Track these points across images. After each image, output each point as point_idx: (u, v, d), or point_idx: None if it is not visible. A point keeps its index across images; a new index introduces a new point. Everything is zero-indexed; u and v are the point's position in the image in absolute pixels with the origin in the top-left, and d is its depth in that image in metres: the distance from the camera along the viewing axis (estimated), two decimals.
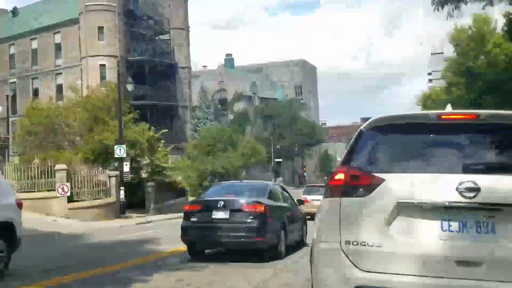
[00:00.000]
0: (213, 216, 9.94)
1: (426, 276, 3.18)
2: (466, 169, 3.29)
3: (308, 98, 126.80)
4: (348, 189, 3.49)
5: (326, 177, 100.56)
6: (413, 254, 3.23)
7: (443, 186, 3.26)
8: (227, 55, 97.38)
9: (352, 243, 3.38)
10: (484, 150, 3.50)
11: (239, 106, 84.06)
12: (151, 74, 51.43)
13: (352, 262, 3.36)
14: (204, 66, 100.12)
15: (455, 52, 28.72)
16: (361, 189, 3.44)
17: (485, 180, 3.21)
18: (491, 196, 3.17)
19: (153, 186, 26.32)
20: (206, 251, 11.03)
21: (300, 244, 12.63)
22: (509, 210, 3.16)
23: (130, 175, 26.99)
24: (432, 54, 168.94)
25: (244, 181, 17.98)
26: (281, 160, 75.67)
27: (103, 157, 25.05)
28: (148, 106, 49.26)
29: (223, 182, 16.05)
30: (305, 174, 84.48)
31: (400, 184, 3.37)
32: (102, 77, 47.10)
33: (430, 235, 3.25)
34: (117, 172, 23.60)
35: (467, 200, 3.19)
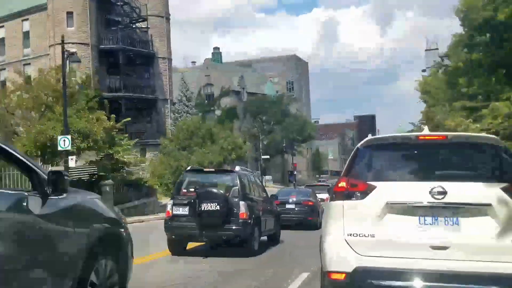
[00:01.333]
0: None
1: (407, 258, 4.23)
2: (437, 178, 4.45)
3: (300, 94, 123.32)
4: (349, 194, 4.60)
5: (318, 176, 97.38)
6: (398, 241, 4.32)
7: (419, 190, 4.37)
8: (215, 48, 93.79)
9: (353, 235, 4.44)
10: (450, 163, 4.79)
11: (227, 102, 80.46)
12: (127, 64, 47.72)
13: (353, 249, 4.40)
14: (193, 62, 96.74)
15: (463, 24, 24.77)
16: (358, 194, 4.55)
17: (450, 186, 4.30)
18: (455, 197, 4.27)
19: (112, 185, 22.62)
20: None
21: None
22: (468, 208, 4.28)
23: (87, 171, 23.39)
24: (426, 50, 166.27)
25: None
26: (268, 157, 71.99)
27: (51, 151, 21.35)
28: (122, 99, 45.58)
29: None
30: (295, 172, 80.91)
31: (388, 190, 4.50)
32: (72, 67, 43.33)
33: (411, 227, 4.35)
34: (61, 168, 19.92)
35: (437, 201, 4.31)
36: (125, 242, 4.86)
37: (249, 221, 10.63)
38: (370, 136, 5.57)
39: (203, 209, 10.27)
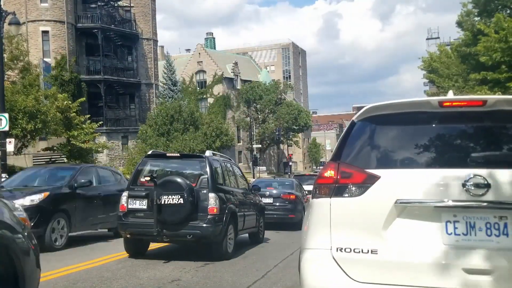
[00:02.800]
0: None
1: (430, 287, 2.70)
2: (474, 163, 2.82)
3: (297, 83, 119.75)
4: (339, 188, 3.00)
5: (315, 167, 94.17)
6: (414, 261, 2.77)
7: (447, 182, 2.80)
8: (208, 34, 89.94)
9: (345, 250, 2.91)
10: (494, 142, 3.01)
11: (219, 89, 77.03)
12: (108, 45, 44.31)
13: (344, 272, 2.88)
14: (187, 50, 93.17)
15: None
16: (353, 188, 2.96)
17: (495, 176, 2.75)
18: (502, 193, 2.73)
19: None
20: None
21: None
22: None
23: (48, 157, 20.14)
24: (427, 39, 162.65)
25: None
26: (259, 146, 68.78)
27: None
28: (102, 82, 42.21)
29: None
30: (291, 163, 77.65)
31: (398, 182, 2.90)
32: (45, 46, 39.97)
33: (433, 239, 2.79)
34: None
35: (475, 199, 2.74)
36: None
37: (221, 217, 8.86)
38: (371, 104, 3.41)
39: (162, 202, 8.51)
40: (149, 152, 10.62)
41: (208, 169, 9.02)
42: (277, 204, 15.02)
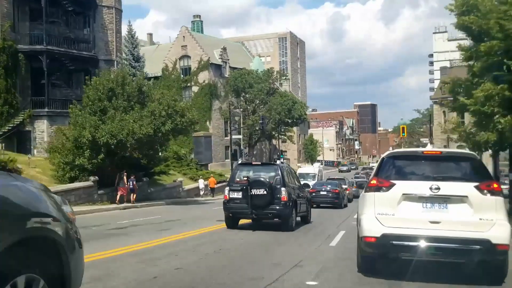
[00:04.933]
0: None
1: (414, 228, 6.64)
2: (435, 179, 6.88)
3: (295, 76, 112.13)
4: (378, 188, 7.02)
5: (310, 163, 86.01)
6: (409, 218, 6.73)
7: (423, 186, 6.82)
8: (195, 16, 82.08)
9: (380, 214, 6.89)
10: (443, 168, 7.26)
11: (205, 77, 69.44)
12: (56, 11, 36.59)
13: (380, 223, 6.84)
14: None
15: None
16: (384, 188, 6.97)
17: (442, 184, 6.75)
18: (445, 191, 6.72)
19: None
20: None
21: None
22: (453, 198, 6.73)
23: None
24: (434, 33, 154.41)
25: None
26: (240, 136, 61.12)
27: None
28: (43, 53, 34.56)
29: None
30: (283, 160, 70.00)
31: (403, 186, 6.93)
32: None
33: (417, 210, 6.79)
34: None
35: (434, 194, 6.73)
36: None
37: (288, 203, 14.09)
38: (391, 149, 11.61)
39: (253, 193, 13.83)
40: (239, 162, 19.67)
41: (279, 172, 14.49)
42: (330, 195, 28.03)
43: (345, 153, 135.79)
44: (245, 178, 14.06)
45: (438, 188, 6.61)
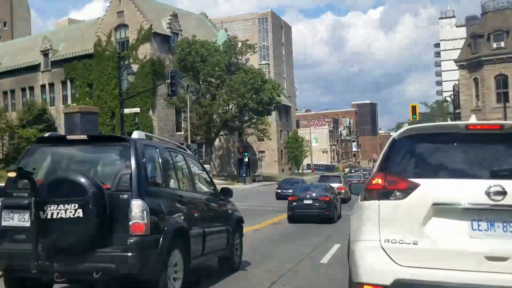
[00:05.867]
0: None
1: (457, 270, 3.53)
2: (494, 175, 3.64)
3: (279, 65, 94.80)
4: (386, 193, 3.80)
5: (297, 171, 69.10)
6: (446, 250, 3.58)
7: (473, 190, 3.61)
8: None
9: (391, 241, 3.70)
10: (509, 158, 3.82)
11: (146, 50, 52.19)
12: None
13: (391, 259, 3.66)
14: None
15: None
16: (398, 193, 3.75)
17: (510, 184, 3.56)
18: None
19: None
20: None
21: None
22: None
23: None
24: (440, 18, 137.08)
25: None
26: (182, 132, 43.71)
27: None
28: None
29: None
30: (246, 159, 52.35)
31: (434, 188, 3.70)
32: None
33: (462, 234, 3.61)
34: None
35: (495, 203, 3.55)
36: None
37: (155, 239, 5.55)
38: (407, 126, 4.48)
39: (49, 216, 5.20)
40: (45, 135, 6.83)
41: (133, 160, 5.63)
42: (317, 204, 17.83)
43: (341, 156, 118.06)
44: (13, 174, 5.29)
45: (504, 193, 3.55)
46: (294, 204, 17.79)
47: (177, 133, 52.80)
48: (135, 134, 6.25)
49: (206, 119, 48.19)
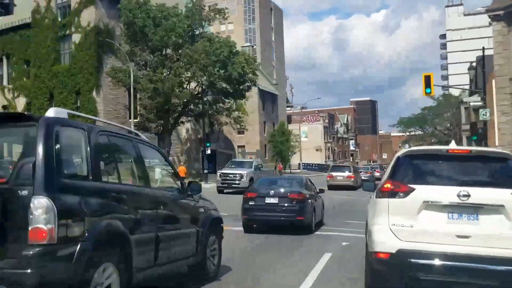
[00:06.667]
0: None
1: (438, 244, 5.27)
2: (463, 183, 5.41)
3: (268, 51, 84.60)
4: (393, 193, 5.57)
5: (277, 169, 59.22)
6: (431, 231, 5.35)
7: (449, 193, 5.37)
8: None
9: (396, 225, 5.47)
10: (473, 171, 5.71)
11: (90, 17, 41.85)
12: None
13: (396, 236, 5.43)
14: None
15: None
16: (401, 194, 5.52)
17: (473, 190, 5.29)
18: (476, 199, 5.26)
19: None
20: None
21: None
22: (487, 207, 5.29)
23: None
24: (447, 6, 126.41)
25: None
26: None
27: None
28: None
29: None
30: (207, 150, 41.99)
31: (424, 191, 5.47)
32: None
33: (441, 221, 5.38)
34: None
35: (463, 202, 5.29)
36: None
37: (69, 250, 4.29)
38: (407, 147, 6.86)
39: None
40: None
41: (41, 145, 4.33)
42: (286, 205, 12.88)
43: (337, 155, 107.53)
44: None
45: (468, 195, 5.38)
46: (251, 203, 12.77)
47: (132, 120, 42.53)
48: (51, 112, 4.82)
49: (161, 100, 37.77)
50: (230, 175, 29.37)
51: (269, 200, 12.59)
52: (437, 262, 5.18)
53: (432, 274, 5.21)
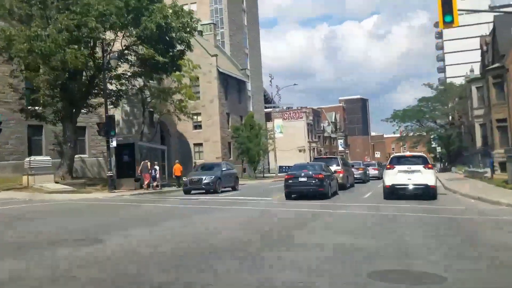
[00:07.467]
0: None
1: (401, 182, 20.09)
2: (408, 164, 20.48)
3: (238, 36, 72.84)
4: (389, 168, 20.43)
5: (249, 168, 47.46)
6: (400, 180, 20.04)
7: (406, 168, 20.24)
8: None
9: (390, 177, 20.27)
10: (412, 161, 20.71)
11: None
12: None
13: (390, 180, 20.23)
14: None
15: None
16: (392, 169, 20.30)
17: (412, 167, 20.18)
18: (412, 168, 20.15)
19: None
20: None
21: None
22: (415, 171, 20.04)
23: None
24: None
25: None
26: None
27: None
28: None
29: None
30: (106, 145, 30.04)
31: (398, 167, 20.24)
32: None
33: (404, 177, 20.01)
34: None
35: (409, 169, 20.11)
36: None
37: None
38: (394, 154, 29.13)
39: None
40: None
41: None
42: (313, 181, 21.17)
43: (325, 156, 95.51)
44: None
45: (410, 168, 19.58)
46: (290, 181, 21.14)
47: (22, 100, 30.24)
48: None
49: (48, 71, 25.65)
50: None
51: (301, 179, 20.93)
52: (401, 186, 19.69)
53: (400, 190, 19.68)
